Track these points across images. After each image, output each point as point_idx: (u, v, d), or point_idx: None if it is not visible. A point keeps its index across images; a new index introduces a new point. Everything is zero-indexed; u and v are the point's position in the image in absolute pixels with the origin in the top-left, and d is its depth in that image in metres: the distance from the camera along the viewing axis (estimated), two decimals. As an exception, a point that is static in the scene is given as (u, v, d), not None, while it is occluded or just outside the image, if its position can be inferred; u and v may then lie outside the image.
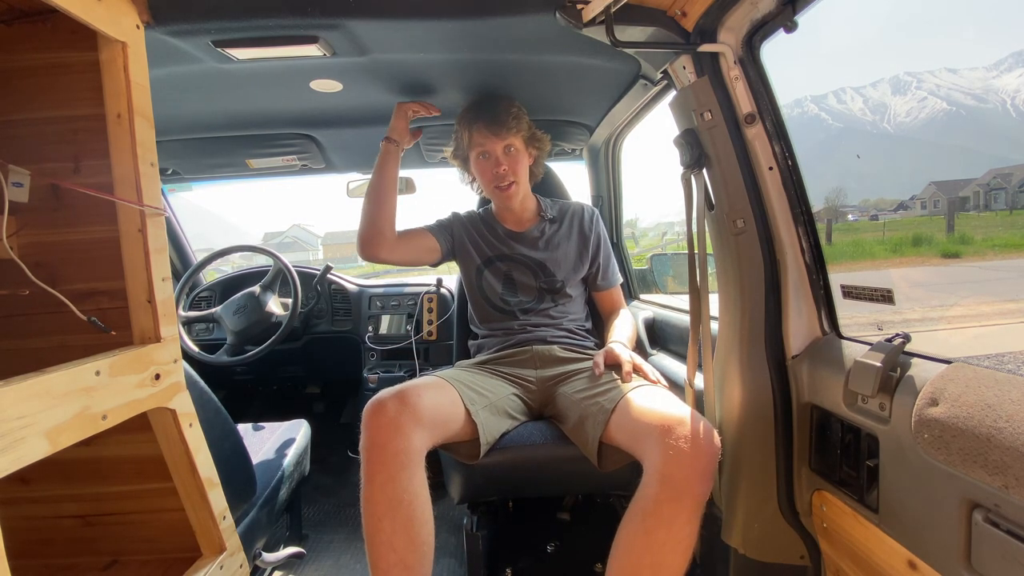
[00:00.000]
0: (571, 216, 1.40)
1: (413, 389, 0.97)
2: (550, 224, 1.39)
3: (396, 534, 0.86)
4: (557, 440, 1.08)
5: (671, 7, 0.89)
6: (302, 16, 0.89)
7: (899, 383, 0.70)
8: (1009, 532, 0.55)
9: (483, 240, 1.38)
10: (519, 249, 1.35)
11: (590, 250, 1.37)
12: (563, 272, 1.34)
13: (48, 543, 0.93)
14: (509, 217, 1.39)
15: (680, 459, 0.84)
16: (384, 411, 0.92)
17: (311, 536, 1.67)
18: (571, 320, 1.35)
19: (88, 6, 0.68)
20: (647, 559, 0.82)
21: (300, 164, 1.82)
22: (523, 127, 1.29)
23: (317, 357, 2.11)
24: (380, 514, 0.87)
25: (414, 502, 0.88)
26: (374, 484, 0.89)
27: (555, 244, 1.36)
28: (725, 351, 0.96)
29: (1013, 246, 6.43)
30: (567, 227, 1.39)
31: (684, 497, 0.83)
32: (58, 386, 0.59)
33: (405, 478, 0.89)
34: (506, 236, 1.38)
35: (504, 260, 1.35)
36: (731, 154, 0.91)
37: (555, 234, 1.37)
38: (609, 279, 1.41)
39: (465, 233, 1.40)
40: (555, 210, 1.42)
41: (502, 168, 1.27)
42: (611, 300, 1.42)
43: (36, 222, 0.84)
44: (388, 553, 0.86)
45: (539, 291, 1.33)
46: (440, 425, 0.98)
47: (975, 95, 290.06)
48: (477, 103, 1.29)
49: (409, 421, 0.91)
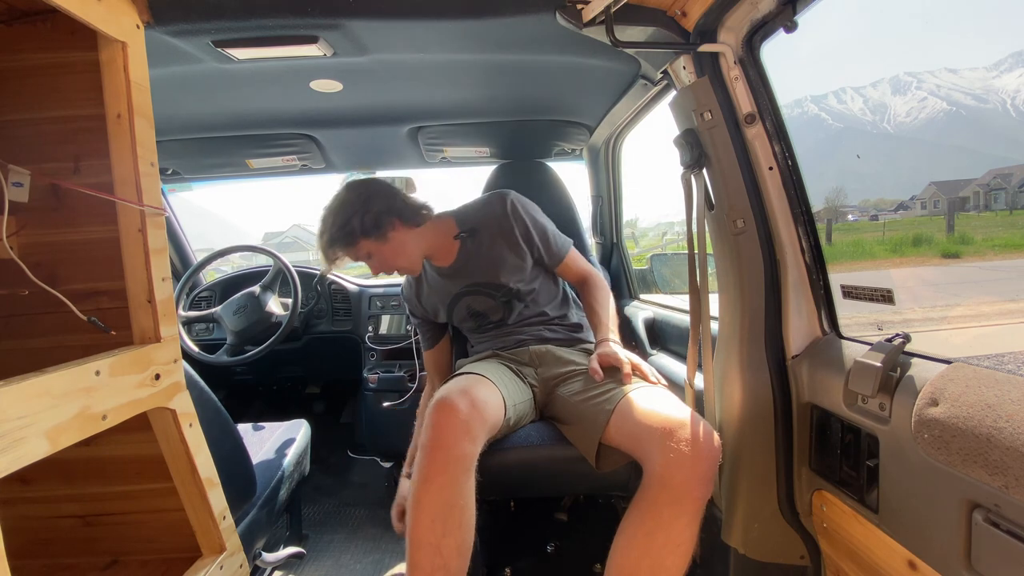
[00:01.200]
0: (484, 219, 1.29)
1: (479, 391, 0.95)
2: (471, 239, 1.29)
3: (447, 537, 0.85)
4: (556, 441, 1.08)
5: (671, 7, 0.89)
6: (302, 16, 0.89)
7: (899, 383, 0.70)
8: (1009, 532, 0.55)
9: (432, 295, 1.35)
10: (459, 284, 1.30)
11: (520, 240, 1.26)
12: (509, 277, 1.26)
13: (48, 543, 0.93)
14: (436, 254, 1.31)
15: (681, 463, 0.83)
16: (456, 412, 0.89)
17: (311, 536, 1.67)
18: (551, 307, 1.32)
19: (88, 6, 0.68)
20: (647, 561, 0.82)
21: (300, 164, 1.82)
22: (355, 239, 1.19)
23: (317, 357, 2.11)
24: (434, 516, 0.85)
25: (466, 509, 0.87)
26: (432, 485, 0.86)
27: (485, 255, 1.27)
28: (725, 351, 0.96)
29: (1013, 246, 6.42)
30: (485, 233, 1.28)
31: (685, 500, 0.83)
32: (58, 386, 0.59)
33: (464, 483, 0.87)
34: (441, 278, 1.32)
35: (456, 300, 1.31)
36: (731, 154, 0.91)
37: (480, 247, 1.28)
38: (555, 252, 1.30)
39: (420, 303, 1.38)
40: (470, 221, 1.30)
41: (373, 268, 1.23)
42: (573, 271, 1.33)
43: (36, 222, 0.84)
44: (434, 556, 0.85)
45: (503, 305, 1.29)
46: (495, 428, 0.98)
47: (975, 95, 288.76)
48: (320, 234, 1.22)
49: (479, 425, 0.90)
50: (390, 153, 1.83)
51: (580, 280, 1.34)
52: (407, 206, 1.24)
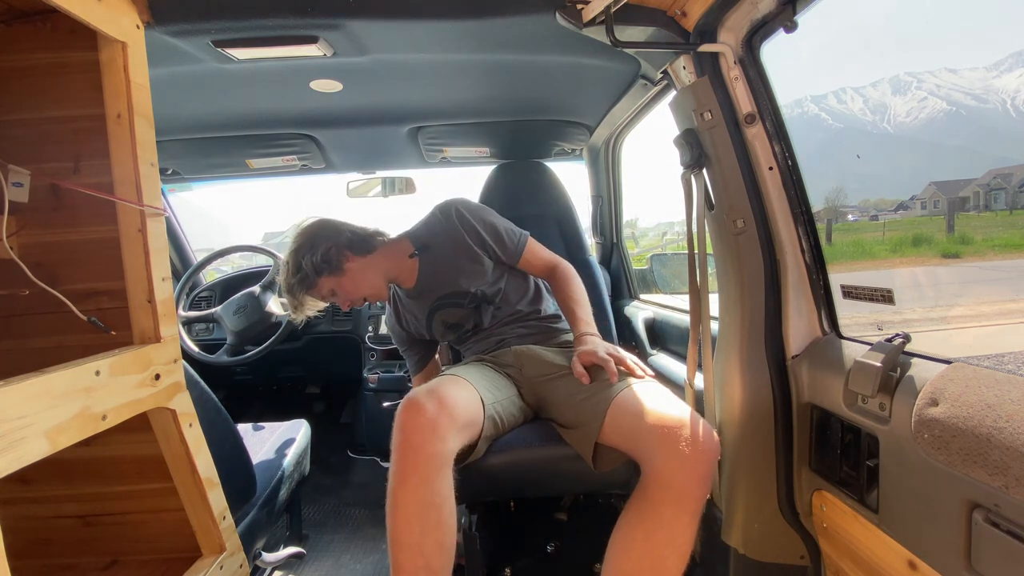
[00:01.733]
0: (435, 231, 1.30)
1: (447, 389, 0.94)
2: (426, 255, 1.29)
3: (425, 537, 0.85)
4: (554, 441, 1.08)
5: (671, 7, 0.89)
6: (302, 16, 0.89)
7: (899, 383, 0.70)
8: (1009, 532, 0.55)
9: (409, 317, 1.37)
10: (427, 301, 1.31)
11: (472, 246, 1.26)
12: (471, 283, 1.26)
13: (48, 543, 0.93)
14: (400, 277, 1.32)
15: (681, 463, 0.83)
16: (422, 412, 0.89)
17: (311, 536, 1.67)
18: (523, 303, 1.31)
19: (88, 6, 0.68)
20: (647, 561, 0.82)
21: (300, 164, 1.82)
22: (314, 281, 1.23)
23: (317, 357, 2.11)
24: (410, 517, 0.85)
25: (444, 507, 0.87)
26: (407, 486, 0.86)
27: (443, 270, 1.27)
28: (725, 351, 0.96)
29: (1013, 246, 6.42)
30: (438, 247, 1.29)
31: (686, 500, 0.82)
32: (58, 386, 0.59)
33: (438, 481, 0.87)
34: (410, 300, 1.34)
35: (430, 317, 1.32)
36: (731, 154, 0.91)
37: (435, 262, 1.28)
38: (512, 249, 1.28)
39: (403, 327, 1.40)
40: (422, 238, 1.31)
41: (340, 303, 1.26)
42: (536, 264, 1.31)
43: (36, 222, 0.84)
44: (415, 557, 0.84)
45: (473, 312, 1.29)
46: (470, 426, 0.97)
47: (975, 95, 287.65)
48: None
49: (447, 423, 0.89)
50: (390, 153, 1.83)
51: (547, 272, 1.32)
52: (356, 236, 1.27)
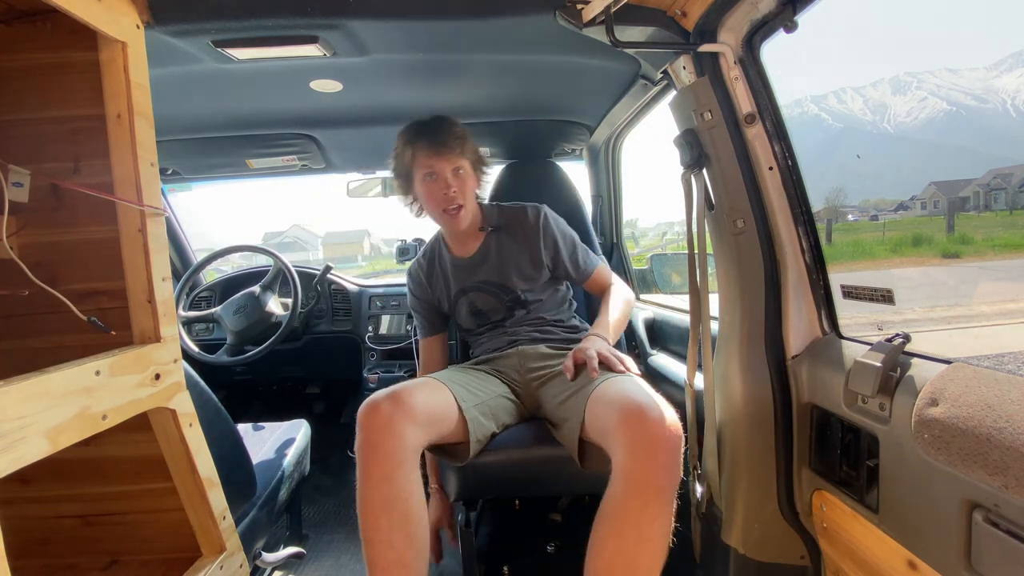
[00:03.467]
0: (515, 222, 1.30)
1: (406, 389, 0.97)
2: (494, 236, 1.30)
3: (394, 531, 0.87)
4: (548, 442, 1.09)
5: (671, 7, 0.89)
6: (302, 16, 0.89)
7: (899, 383, 0.70)
8: (1009, 532, 0.55)
9: (441, 281, 1.35)
10: (470, 278, 1.30)
11: (544, 252, 1.27)
12: (520, 283, 1.27)
13: (48, 543, 0.93)
14: (455, 243, 1.33)
15: (639, 452, 0.82)
16: (378, 411, 0.93)
17: (311, 536, 1.67)
18: (551, 318, 1.32)
19: (88, 6, 0.68)
20: (619, 559, 0.80)
21: (300, 164, 1.82)
22: (469, 149, 1.23)
23: (317, 357, 2.11)
24: (377, 512, 0.88)
25: (410, 500, 0.89)
26: (370, 483, 0.89)
27: (503, 258, 1.28)
28: (725, 351, 0.96)
29: (1013, 246, 6.41)
30: (510, 235, 1.30)
31: (648, 491, 0.80)
32: (58, 386, 0.59)
33: (401, 476, 0.89)
34: (454, 268, 1.32)
35: (463, 294, 1.31)
36: (731, 154, 0.91)
37: (501, 247, 1.29)
38: (583, 270, 1.31)
39: (429, 285, 1.37)
40: (498, 217, 1.32)
41: (452, 190, 1.19)
42: (597, 284, 1.35)
43: (36, 222, 0.84)
44: (387, 551, 0.86)
45: (506, 307, 1.29)
46: (434, 423, 0.98)
47: (975, 95, 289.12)
48: (423, 123, 1.23)
49: (403, 420, 0.92)
50: (390, 153, 1.83)
51: (604, 291, 1.35)
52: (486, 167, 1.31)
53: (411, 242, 2.04)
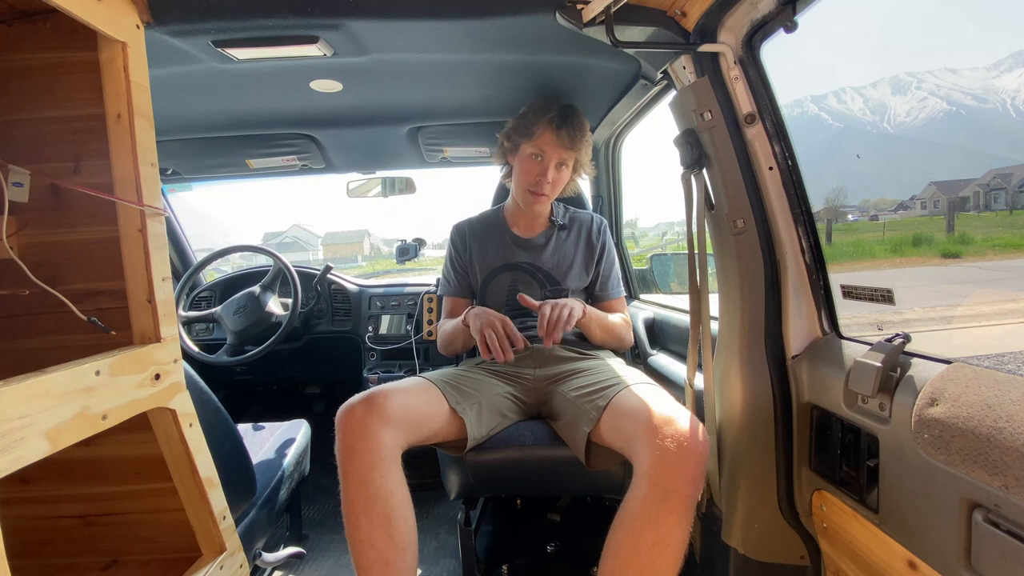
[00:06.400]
0: (580, 224, 1.40)
1: (381, 391, 0.99)
2: (560, 231, 1.38)
3: (374, 531, 0.88)
4: (549, 440, 1.09)
5: (671, 7, 0.89)
6: (302, 16, 0.89)
7: (899, 383, 0.70)
8: (1009, 532, 0.55)
9: (490, 249, 1.37)
10: (525, 257, 1.35)
11: (594, 259, 1.36)
12: (569, 280, 1.33)
13: (48, 543, 0.93)
14: (521, 221, 1.39)
15: (667, 460, 0.83)
16: (353, 414, 0.95)
17: (311, 536, 1.67)
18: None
19: (88, 6, 0.68)
20: (635, 562, 0.81)
21: (300, 164, 1.82)
22: (585, 150, 1.30)
23: (317, 357, 2.11)
24: (357, 513, 0.89)
25: (390, 499, 0.90)
26: (348, 484, 0.91)
27: (563, 252, 1.35)
28: (725, 351, 0.96)
29: (1013, 246, 6.42)
30: (575, 235, 1.38)
31: (672, 499, 0.82)
32: (58, 386, 0.59)
33: (377, 476, 0.90)
34: (513, 244, 1.37)
35: (510, 270, 1.34)
36: (731, 154, 0.91)
37: (564, 242, 1.37)
38: (608, 291, 1.38)
39: (469, 248, 1.39)
40: (566, 217, 1.41)
41: (548, 177, 1.26)
42: (610, 309, 1.40)
43: (36, 222, 0.84)
44: (368, 550, 0.88)
45: (543, 297, 1.31)
46: (414, 424, 0.99)
47: (975, 95, 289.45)
48: (566, 107, 1.25)
49: (376, 422, 0.94)
50: (390, 153, 1.83)
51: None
52: None
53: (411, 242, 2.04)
